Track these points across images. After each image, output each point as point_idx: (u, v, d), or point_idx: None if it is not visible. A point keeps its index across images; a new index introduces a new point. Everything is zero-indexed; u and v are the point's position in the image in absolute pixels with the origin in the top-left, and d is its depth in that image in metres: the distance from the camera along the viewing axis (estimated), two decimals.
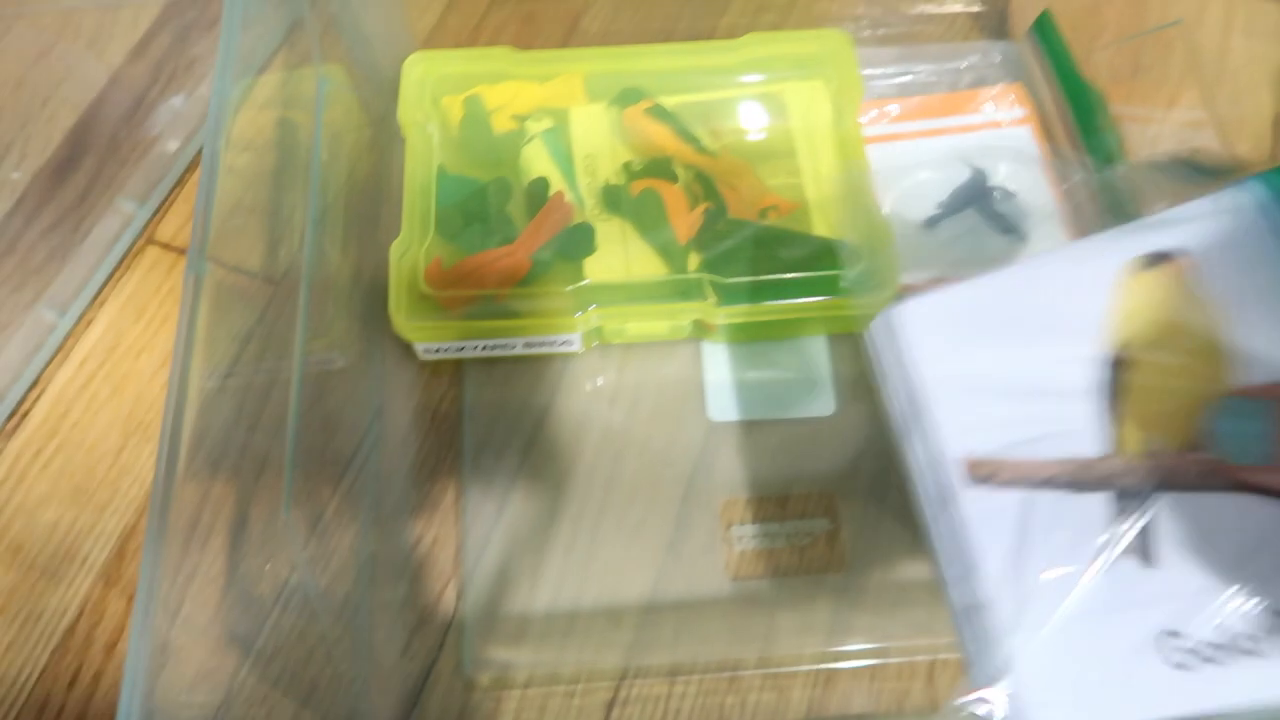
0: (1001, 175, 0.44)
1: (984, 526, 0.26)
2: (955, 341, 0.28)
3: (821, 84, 0.43)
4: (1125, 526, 0.25)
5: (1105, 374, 0.27)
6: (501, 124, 0.42)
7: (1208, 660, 0.23)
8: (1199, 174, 0.36)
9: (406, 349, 0.40)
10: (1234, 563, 0.24)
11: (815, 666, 0.35)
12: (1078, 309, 0.28)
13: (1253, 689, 0.23)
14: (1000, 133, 0.45)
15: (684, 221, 0.39)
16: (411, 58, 0.43)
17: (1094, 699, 0.24)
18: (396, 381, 0.40)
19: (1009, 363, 0.28)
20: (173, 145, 0.46)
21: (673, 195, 0.40)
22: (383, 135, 0.45)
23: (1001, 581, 0.25)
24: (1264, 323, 0.26)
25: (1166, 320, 0.26)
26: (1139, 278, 0.27)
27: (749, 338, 0.41)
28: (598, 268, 0.39)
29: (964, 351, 0.28)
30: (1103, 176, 0.40)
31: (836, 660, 0.35)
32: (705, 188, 0.40)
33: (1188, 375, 0.26)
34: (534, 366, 0.41)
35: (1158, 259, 0.27)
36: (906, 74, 0.47)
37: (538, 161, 0.41)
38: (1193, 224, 0.28)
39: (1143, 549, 0.25)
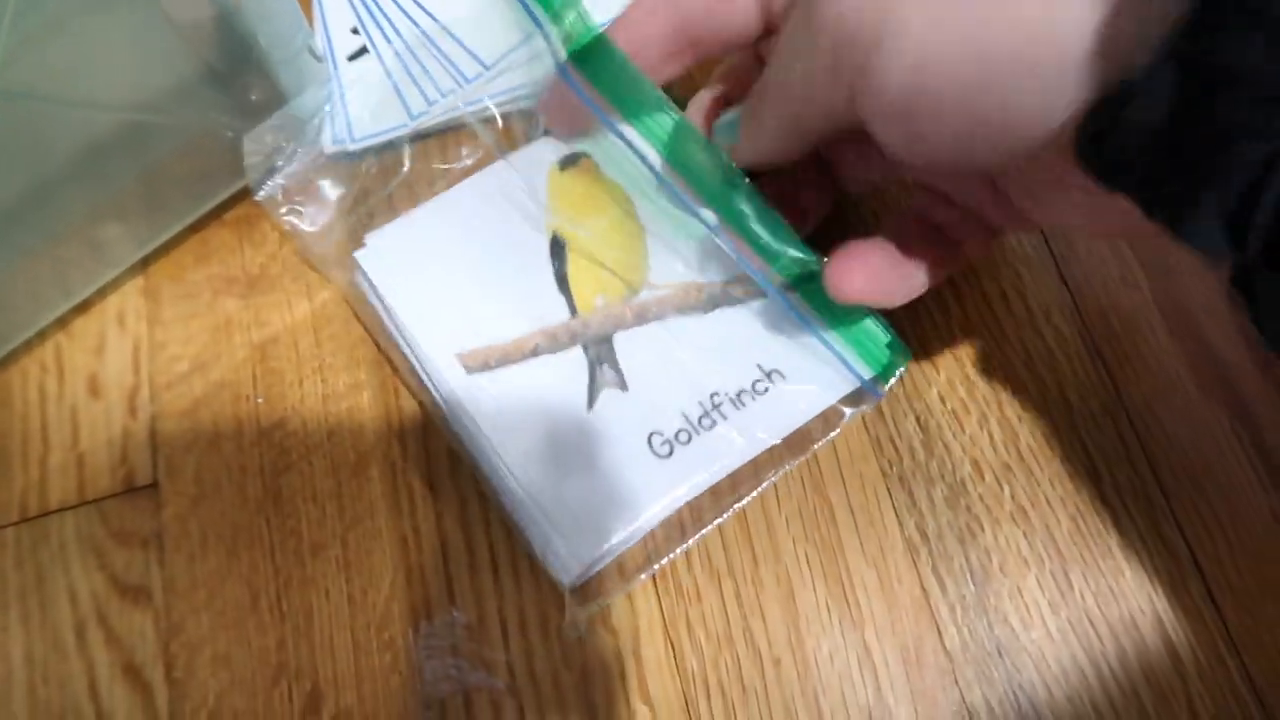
0: None
1: (489, 407, 0.30)
2: (424, 260, 0.32)
3: None
4: (601, 368, 0.31)
5: (552, 254, 0.32)
6: None
7: (681, 444, 0.30)
8: None
9: None
10: (674, 370, 0.31)
11: None
12: (521, 208, 0.33)
13: (712, 455, 0.30)
14: None
15: None
16: None
17: (612, 510, 0.29)
18: None
19: (476, 266, 0.32)
20: None
21: None
22: None
23: (515, 451, 0.30)
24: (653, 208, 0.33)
25: (587, 205, 0.33)
26: (562, 175, 0.33)
27: None
28: None
29: (434, 266, 0.32)
30: None
31: None
32: None
33: (611, 244, 0.32)
34: None
35: (572, 159, 0.34)
36: None
37: None
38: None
39: (619, 381, 0.31)
